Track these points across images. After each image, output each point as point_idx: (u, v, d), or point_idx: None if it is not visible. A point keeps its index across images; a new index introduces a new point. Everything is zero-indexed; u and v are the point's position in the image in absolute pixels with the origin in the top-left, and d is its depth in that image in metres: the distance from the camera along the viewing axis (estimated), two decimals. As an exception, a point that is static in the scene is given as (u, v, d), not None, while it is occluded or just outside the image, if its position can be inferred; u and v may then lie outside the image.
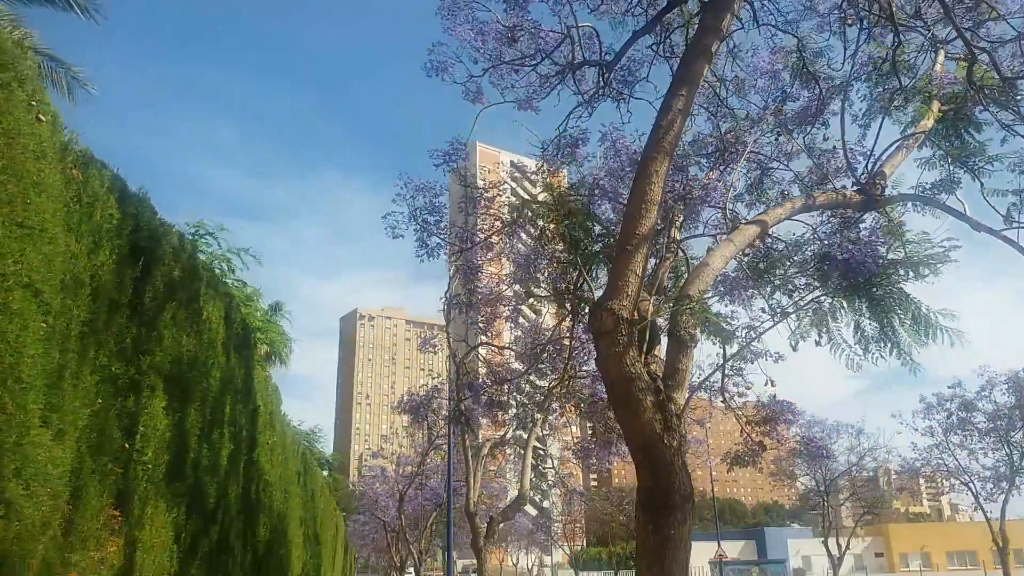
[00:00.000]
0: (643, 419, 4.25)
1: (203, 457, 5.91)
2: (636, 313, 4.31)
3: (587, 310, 7.76)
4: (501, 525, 14.54)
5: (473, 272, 7.96)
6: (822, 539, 34.77)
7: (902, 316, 5.52)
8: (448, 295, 8.30)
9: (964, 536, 79.11)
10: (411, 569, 34.80)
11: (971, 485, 27.93)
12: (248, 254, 12.36)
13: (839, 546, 33.41)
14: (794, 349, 7.74)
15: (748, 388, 7.76)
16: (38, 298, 3.50)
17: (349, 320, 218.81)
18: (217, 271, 12.42)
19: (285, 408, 12.18)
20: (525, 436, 14.56)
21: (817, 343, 7.76)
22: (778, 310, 6.63)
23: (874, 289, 5.44)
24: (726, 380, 7.84)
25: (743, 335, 8.05)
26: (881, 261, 5.39)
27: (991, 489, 27.36)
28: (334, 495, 47.87)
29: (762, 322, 7.89)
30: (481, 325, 9.41)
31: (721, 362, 7.54)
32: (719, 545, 44.16)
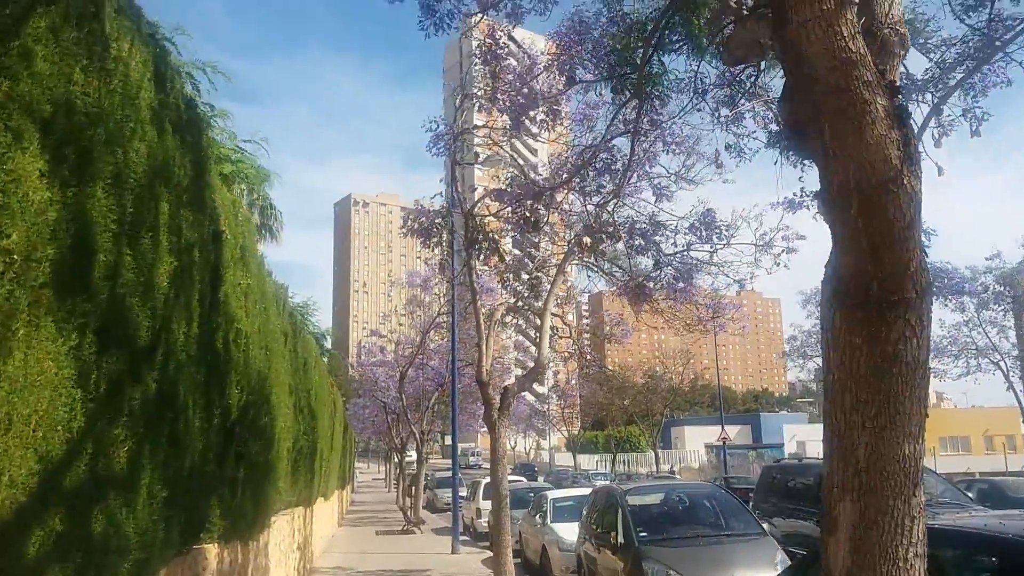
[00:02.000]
0: (869, 136, 2.32)
1: (125, 267, 3.99)
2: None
3: (658, 91, 5.72)
4: (516, 396, 12.95)
5: (495, 56, 5.89)
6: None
7: None
8: (461, 86, 6.22)
9: (957, 423, 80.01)
10: (412, 451, 34.19)
11: (1002, 364, 26.62)
12: (217, 71, 10.00)
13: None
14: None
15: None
16: None
17: (343, 206, 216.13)
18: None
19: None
20: (544, 297, 12.80)
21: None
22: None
23: None
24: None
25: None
26: None
27: (1025, 368, 26.10)
28: (335, 379, 47.00)
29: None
30: (504, 127, 7.26)
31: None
32: (723, 428, 43.72)
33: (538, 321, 13.47)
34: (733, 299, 15.01)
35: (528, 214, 6.63)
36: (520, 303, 13.97)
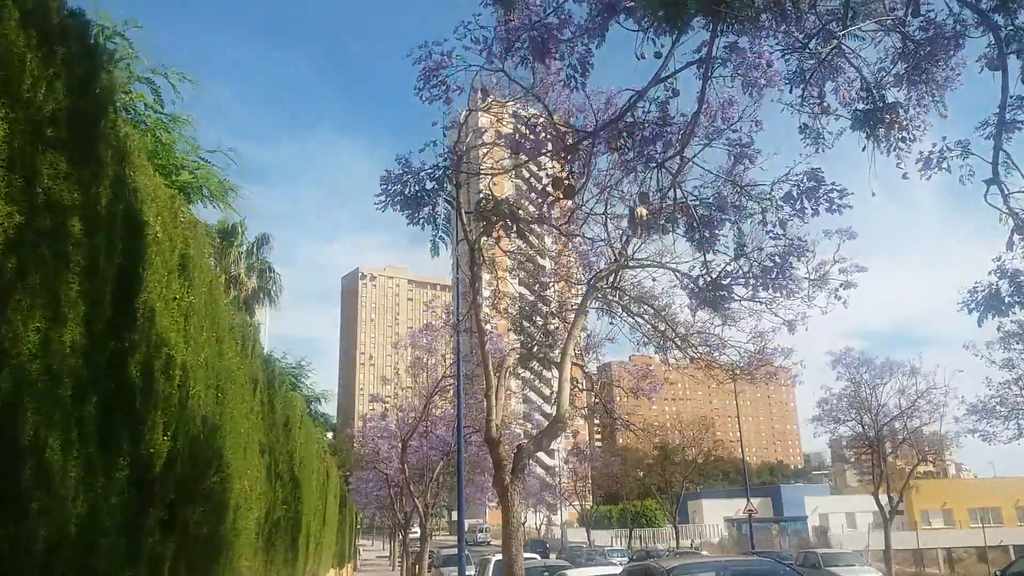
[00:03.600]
0: None
1: None
2: None
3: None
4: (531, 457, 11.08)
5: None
6: (871, 492, 31.48)
7: None
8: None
9: (987, 493, 76.64)
10: (416, 527, 32.05)
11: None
12: (185, 78, 8.47)
13: (891, 500, 30.06)
14: None
15: None
16: None
17: (351, 279, 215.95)
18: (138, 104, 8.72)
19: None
20: (560, 345, 11.09)
21: None
22: None
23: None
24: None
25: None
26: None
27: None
28: (336, 452, 44.80)
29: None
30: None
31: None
32: (748, 500, 41.21)
33: (552, 376, 11.75)
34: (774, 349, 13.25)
35: (559, 174, 4.96)
36: (534, 350, 12.23)
